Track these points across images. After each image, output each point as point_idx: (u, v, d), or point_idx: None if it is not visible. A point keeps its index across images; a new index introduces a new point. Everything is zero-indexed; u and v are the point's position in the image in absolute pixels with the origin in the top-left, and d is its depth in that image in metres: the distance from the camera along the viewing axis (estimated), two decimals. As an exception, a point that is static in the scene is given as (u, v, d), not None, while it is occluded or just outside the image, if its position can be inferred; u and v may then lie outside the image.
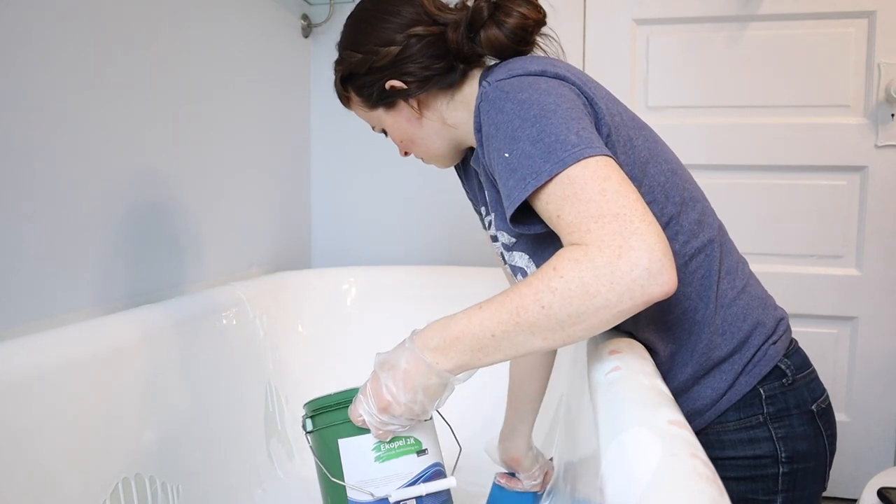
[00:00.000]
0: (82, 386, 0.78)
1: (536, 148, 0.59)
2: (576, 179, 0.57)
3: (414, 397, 0.63)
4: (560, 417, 1.07)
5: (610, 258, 0.53)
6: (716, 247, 0.75)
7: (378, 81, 0.78)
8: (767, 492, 0.74)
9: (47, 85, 0.86)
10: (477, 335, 0.59)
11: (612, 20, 1.59)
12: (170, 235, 1.14)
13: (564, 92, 0.65)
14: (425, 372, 0.62)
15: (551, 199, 0.58)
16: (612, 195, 0.55)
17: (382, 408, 0.64)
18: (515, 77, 0.66)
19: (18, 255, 0.83)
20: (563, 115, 0.61)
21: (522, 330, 0.57)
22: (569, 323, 0.55)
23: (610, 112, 0.69)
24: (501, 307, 0.58)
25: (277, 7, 1.54)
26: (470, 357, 0.60)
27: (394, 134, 0.83)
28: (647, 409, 0.53)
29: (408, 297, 1.42)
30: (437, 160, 0.86)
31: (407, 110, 0.80)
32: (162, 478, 0.88)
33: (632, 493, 0.43)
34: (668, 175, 0.73)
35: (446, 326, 0.62)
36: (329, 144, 1.74)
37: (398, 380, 0.63)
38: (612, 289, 0.53)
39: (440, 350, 0.61)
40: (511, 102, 0.64)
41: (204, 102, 1.23)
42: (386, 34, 0.77)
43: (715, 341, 0.73)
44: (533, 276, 0.57)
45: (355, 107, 0.85)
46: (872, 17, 1.47)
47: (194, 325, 1.03)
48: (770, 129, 1.53)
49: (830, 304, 1.53)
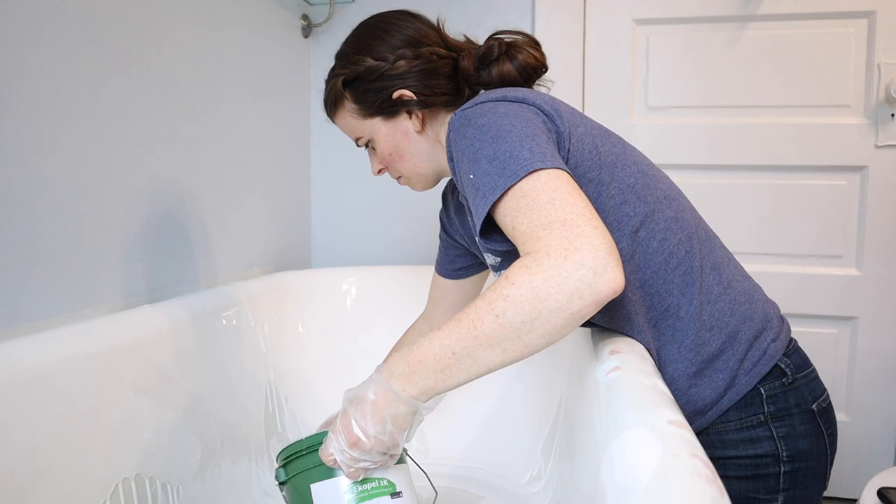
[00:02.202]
0: (82, 386, 0.78)
1: (493, 165, 0.62)
2: (528, 191, 0.60)
3: (383, 428, 0.62)
4: (560, 419, 1.07)
5: (557, 261, 0.55)
6: (695, 242, 0.76)
7: (386, 90, 0.81)
8: (769, 491, 0.75)
9: (45, 85, 0.86)
10: (438, 355, 0.60)
11: (612, 20, 1.59)
12: (170, 236, 1.14)
13: (522, 113, 0.68)
14: (392, 400, 0.62)
15: (507, 212, 0.61)
16: (561, 203, 0.58)
17: (352, 443, 0.63)
18: (478, 105, 0.70)
19: (17, 255, 0.83)
20: (518, 134, 0.64)
21: (481, 344, 0.58)
22: (524, 330, 0.56)
23: (572, 124, 0.72)
24: (459, 323, 0.59)
25: (277, 7, 1.54)
26: (434, 380, 0.61)
27: (383, 145, 0.85)
28: (647, 409, 0.53)
29: (408, 297, 1.42)
30: (417, 179, 0.89)
31: (405, 123, 0.83)
32: (162, 478, 0.88)
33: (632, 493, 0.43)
34: (638, 176, 0.75)
35: (409, 353, 0.62)
36: (329, 145, 1.74)
37: (366, 412, 0.63)
38: (560, 290, 0.54)
39: (405, 376, 0.62)
40: (472, 128, 0.67)
41: (204, 103, 1.23)
42: (402, 46, 0.81)
43: (704, 337, 0.74)
44: (488, 289, 0.59)
45: (345, 114, 0.86)
46: (872, 17, 1.47)
47: (194, 325, 1.03)
48: (770, 129, 1.53)
49: (830, 304, 1.53)
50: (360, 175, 1.74)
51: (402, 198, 1.72)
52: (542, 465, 1.12)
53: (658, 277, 0.73)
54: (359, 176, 1.74)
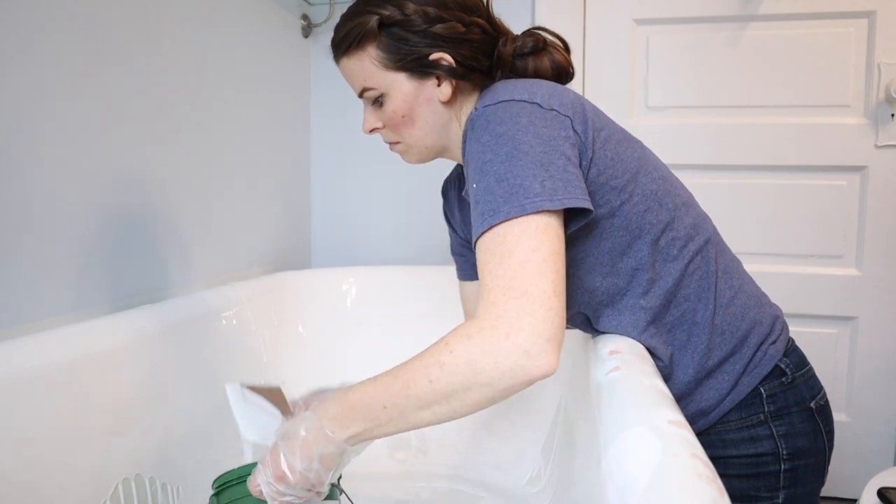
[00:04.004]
0: (82, 387, 0.78)
1: (500, 186, 0.61)
2: (510, 240, 0.59)
3: (310, 465, 0.63)
4: (560, 419, 1.07)
5: (498, 338, 0.55)
6: (711, 248, 0.76)
7: (427, 47, 0.73)
8: (770, 488, 0.75)
9: (46, 86, 0.86)
10: (370, 406, 0.61)
11: (612, 20, 1.59)
12: (170, 236, 1.14)
13: (545, 128, 0.64)
14: (322, 440, 0.62)
15: (485, 248, 0.61)
16: (531, 270, 0.57)
17: (278, 477, 0.64)
18: (500, 103, 0.66)
19: (16, 256, 0.83)
20: (534, 159, 0.62)
21: (412, 404, 0.59)
22: (455, 398, 0.57)
23: (596, 128, 0.70)
24: (395, 379, 0.60)
25: (277, 7, 1.54)
26: (364, 428, 0.62)
27: (398, 105, 0.75)
28: (648, 409, 0.53)
29: (408, 297, 1.42)
30: (416, 151, 0.81)
31: (432, 89, 0.75)
32: (162, 478, 0.88)
33: (632, 493, 0.43)
34: (660, 182, 0.74)
35: (345, 395, 0.63)
36: (329, 144, 1.74)
37: (295, 447, 0.63)
38: (495, 367, 0.55)
39: (338, 419, 0.62)
40: (489, 134, 0.65)
41: (204, 102, 1.23)
42: (455, 7, 0.74)
43: (715, 341, 0.74)
44: (428, 349, 0.59)
45: (364, 58, 0.75)
46: (872, 17, 1.47)
47: (194, 325, 1.03)
48: (770, 129, 1.53)
49: (830, 304, 1.53)
50: (361, 175, 1.74)
51: (402, 198, 1.72)
52: (542, 465, 1.12)
53: (676, 284, 0.73)
54: (359, 176, 1.74)
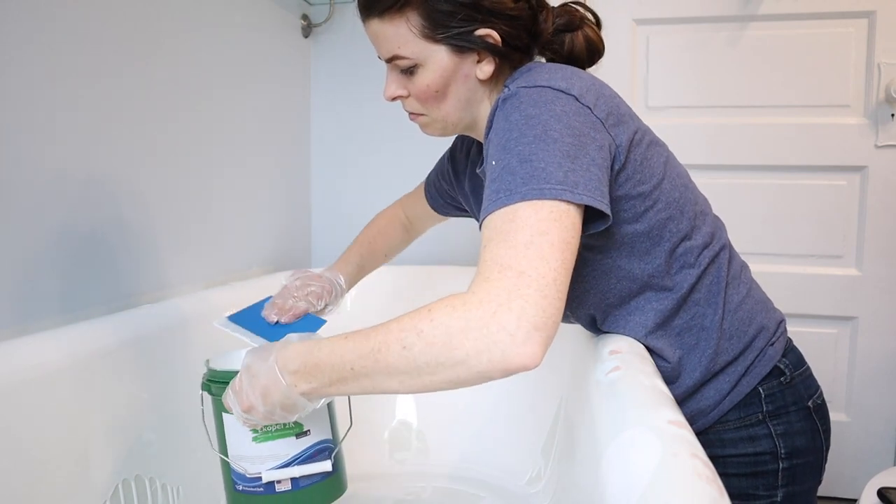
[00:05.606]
0: (82, 387, 0.78)
1: (522, 167, 0.58)
2: (519, 220, 0.55)
3: (272, 410, 0.62)
4: (560, 419, 1.07)
5: (484, 314, 0.51)
6: (725, 255, 0.77)
7: (475, 21, 0.69)
8: (768, 487, 0.76)
9: (46, 86, 0.86)
10: (337, 366, 0.58)
11: (612, 20, 1.59)
12: (170, 235, 1.14)
13: (575, 122, 0.62)
14: (283, 391, 0.61)
15: (491, 225, 0.57)
16: (534, 253, 0.53)
17: (245, 409, 0.64)
18: (536, 88, 0.64)
19: (16, 255, 0.83)
20: (562, 149, 0.59)
21: (380, 370, 0.55)
22: (426, 371, 0.53)
23: (630, 129, 0.67)
24: (366, 340, 0.56)
25: (277, 7, 1.54)
26: (327, 385, 0.60)
27: (432, 78, 0.71)
28: (648, 409, 0.53)
29: (407, 297, 1.42)
30: (440, 125, 0.78)
31: (471, 66, 0.72)
32: (162, 479, 0.88)
33: (632, 493, 0.43)
34: (682, 190, 0.74)
35: (310, 352, 0.61)
36: (329, 145, 1.74)
37: (257, 391, 0.62)
38: (473, 345, 0.51)
39: (299, 374, 0.61)
40: (519, 113, 0.62)
41: (204, 102, 1.23)
42: None
43: (723, 346, 0.75)
44: (407, 314, 0.56)
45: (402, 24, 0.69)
46: (872, 17, 1.47)
47: (194, 325, 1.03)
48: (770, 129, 1.53)
49: (830, 304, 1.53)
50: (361, 175, 1.74)
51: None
52: (542, 465, 1.12)
53: (691, 291, 0.74)
54: (359, 176, 1.74)
